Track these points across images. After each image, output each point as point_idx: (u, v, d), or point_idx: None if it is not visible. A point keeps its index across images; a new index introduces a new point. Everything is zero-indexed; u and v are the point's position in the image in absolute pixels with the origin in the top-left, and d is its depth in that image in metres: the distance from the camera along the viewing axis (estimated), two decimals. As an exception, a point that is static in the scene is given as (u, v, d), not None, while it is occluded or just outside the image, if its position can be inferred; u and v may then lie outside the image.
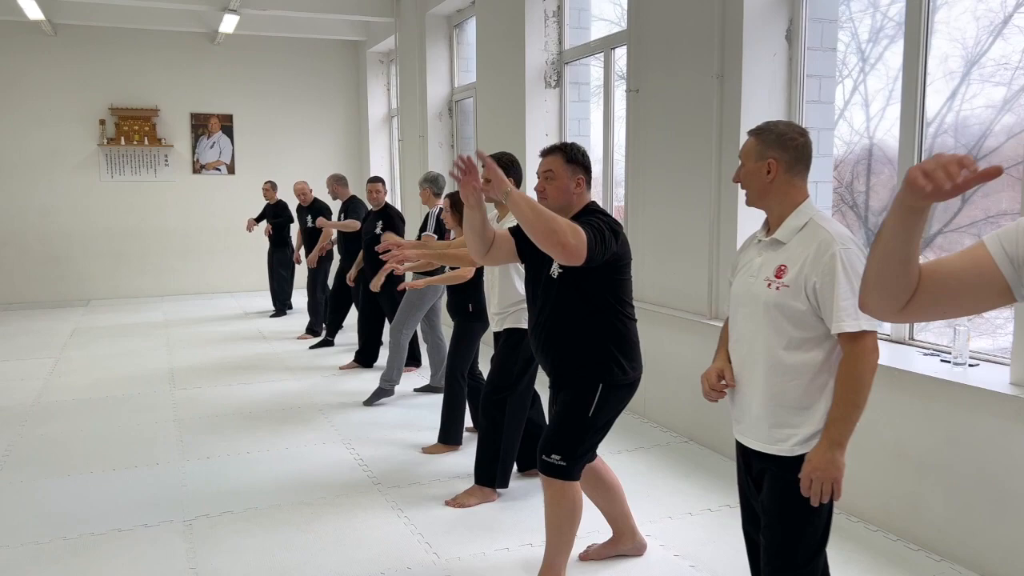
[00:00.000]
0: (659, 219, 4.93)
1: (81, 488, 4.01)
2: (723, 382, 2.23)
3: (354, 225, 6.89)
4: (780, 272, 2.11)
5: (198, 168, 10.86)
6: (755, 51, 4.22)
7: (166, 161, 10.68)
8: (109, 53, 10.28)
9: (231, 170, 11.02)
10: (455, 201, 4.43)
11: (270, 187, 9.07)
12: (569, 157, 2.73)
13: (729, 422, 2.30)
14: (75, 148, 10.27)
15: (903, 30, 3.58)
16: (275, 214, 9.05)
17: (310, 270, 7.90)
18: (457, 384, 4.45)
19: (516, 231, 2.79)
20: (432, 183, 5.66)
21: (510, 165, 3.72)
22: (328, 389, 5.92)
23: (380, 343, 6.60)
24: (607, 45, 5.81)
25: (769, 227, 2.21)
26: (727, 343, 2.31)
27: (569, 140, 6.72)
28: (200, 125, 10.81)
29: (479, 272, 4.29)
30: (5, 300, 10.00)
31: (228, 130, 10.94)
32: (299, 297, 9.57)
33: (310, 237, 7.89)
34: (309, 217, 7.78)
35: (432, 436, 4.64)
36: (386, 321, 6.45)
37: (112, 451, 4.56)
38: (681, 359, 4.65)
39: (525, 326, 3.68)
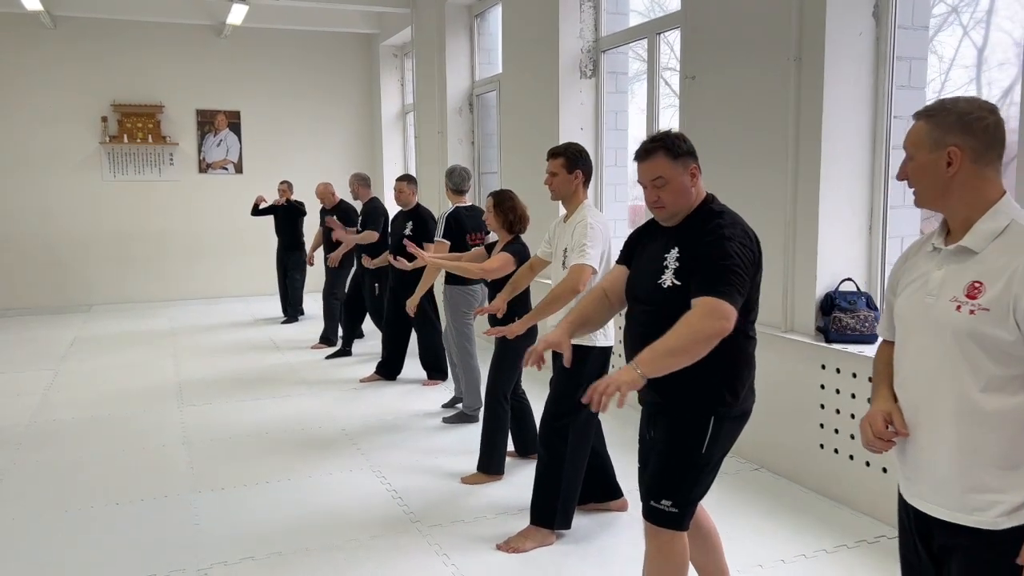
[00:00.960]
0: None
1: (80, 527, 3.53)
2: (891, 429, 1.75)
3: (372, 237, 6.46)
4: (974, 291, 1.63)
5: (204, 167, 10.39)
6: (838, 30, 3.74)
7: (171, 160, 10.21)
8: (111, 47, 9.81)
9: (238, 169, 10.55)
10: (499, 201, 3.97)
11: (287, 188, 8.60)
12: (675, 152, 2.29)
13: (810, 448, 1.82)
14: (76, 147, 9.80)
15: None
16: (288, 214, 8.57)
17: (328, 272, 7.33)
18: (500, 407, 3.97)
19: (621, 261, 2.49)
20: (447, 177, 5.20)
21: (578, 156, 3.34)
22: (350, 406, 5.44)
23: (405, 355, 6.12)
24: (653, 29, 5.33)
25: (949, 231, 1.73)
26: (889, 379, 1.83)
27: (605, 134, 6.27)
28: (206, 122, 10.34)
29: (520, 273, 3.82)
30: (3, 306, 9.54)
31: (235, 127, 10.47)
32: (311, 302, 9.11)
33: (331, 239, 7.37)
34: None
35: (470, 461, 4.16)
36: (415, 332, 5.99)
37: (115, 481, 4.09)
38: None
39: (594, 343, 3.21)
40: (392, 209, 6.25)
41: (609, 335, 3.31)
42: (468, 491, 3.91)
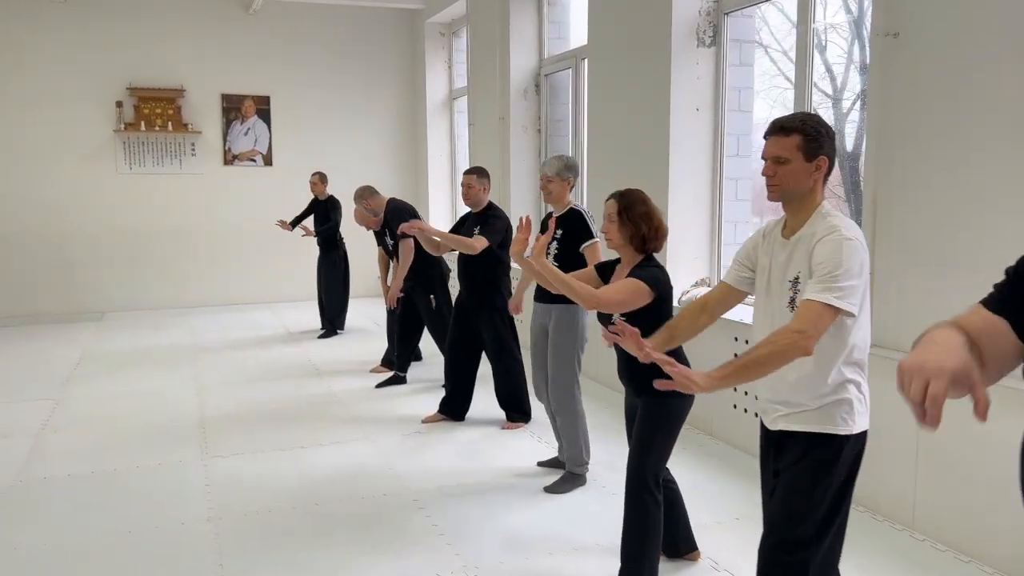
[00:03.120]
0: (931, 223, 3.24)
1: None
2: None
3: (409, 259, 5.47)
4: None
5: (230, 159, 9.30)
6: None
7: (193, 150, 9.12)
8: (127, 23, 8.72)
9: (267, 161, 9.45)
10: (627, 205, 2.80)
11: (318, 180, 7.50)
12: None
13: None
14: (88, 135, 8.72)
15: None
16: (325, 213, 7.47)
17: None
18: (650, 497, 2.79)
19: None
20: (568, 169, 4.01)
21: (820, 134, 2.16)
22: (416, 459, 4.30)
23: (472, 389, 4.97)
24: (811, -21, 4.13)
25: None
26: None
27: (727, 116, 5.08)
28: (232, 108, 9.24)
29: (686, 314, 2.62)
30: (6, 314, 8.50)
31: (264, 114, 9.36)
32: (359, 316, 8.01)
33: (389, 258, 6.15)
34: (387, 239, 5.87)
35: (602, 563, 3.01)
36: (489, 362, 4.84)
37: (116, 585, 2.99)
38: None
39: (849, 428, 2.08)
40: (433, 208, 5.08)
41: (866, 413, 2.15)
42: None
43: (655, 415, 2.72)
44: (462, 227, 4.82)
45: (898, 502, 3.37)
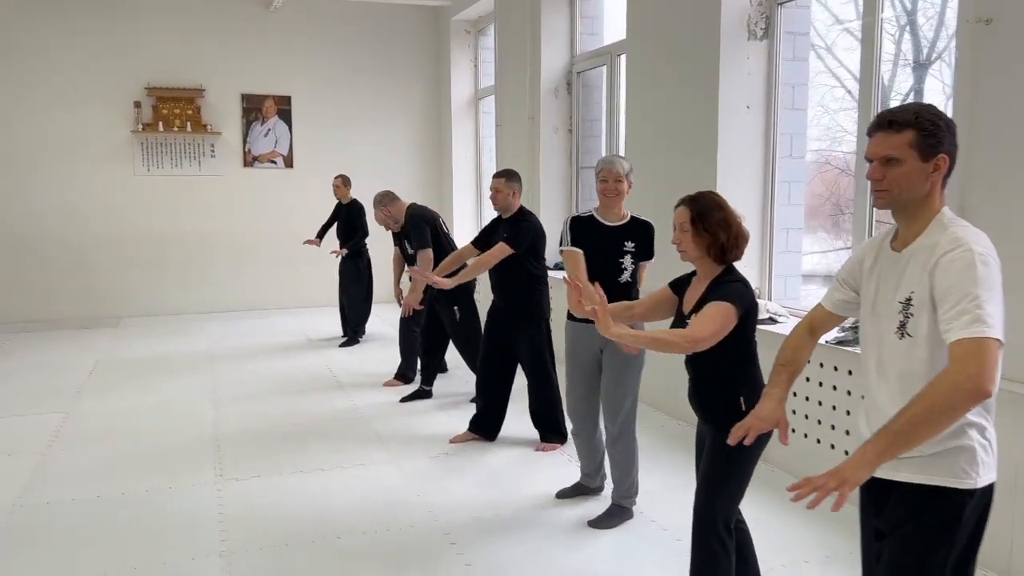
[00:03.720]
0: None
1: None
2: None
3: (427, 257, 5.18)
4: None
5: (250, 160, 9.04)
6: None
7: (212, 151, 8.88)
8: (145, 22, 8.49)
9: (288, 163, 9.18)
10: (703, 210, 2.46)
11: (341, 183, 7.23)
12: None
13: None
14: (104, 136, 8.50)
15: None
16: (349, 218, 7.19)
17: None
18: (720, 542, 2.45)
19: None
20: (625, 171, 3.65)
21: (939, 129, 1.79)
22: (445, 484, 3.98)
23: (506, 407, 4.64)
24: (882, -37, 3.77)
25: None
26: None
27: (780, 115, 4.73)
28: (253, 109, 8.98)
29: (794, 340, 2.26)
30: (22, 319, 8.29)
31: (286, 115, 9.10)
32: (379, 323, 7.72)
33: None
34: (406, 244, 5.58)
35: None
36: (527, 379, 4.51)
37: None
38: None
39: (975, 482, 1.75)
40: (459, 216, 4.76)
41: (992, 463, 1.79)
42: None
43: (727, 449, 2.38)
44: (493, 233, 4.50)
45: (993, 548, 3.00)
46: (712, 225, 2.38)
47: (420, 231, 5.22)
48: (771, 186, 4.66)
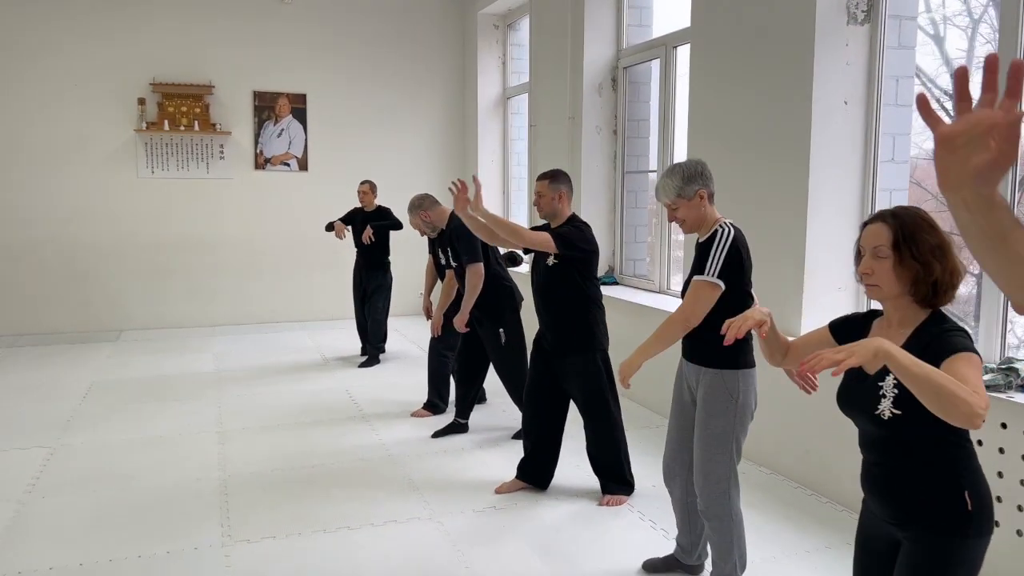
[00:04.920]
0: None
1: None
2: None
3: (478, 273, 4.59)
4: None
5: (261, 162, 8.42)
6: None
7: (221, 153, 8.26)
8: (151, 14, 7.89)
9: (303, 165, 8.56)
10: (911, 232, 1.78)
11: (368, 189, 6.62)
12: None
13: None
14: (106, 135, 7.89)
15: None
16: (372, 222, 6.55)
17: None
18: None
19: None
20: (702, 180, 2.96)
21: None
22: (495, 549, 3.32)
23: (559, 452, 3.98)
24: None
25: None
26: None
27: (883, 112, 4.06)
28: (265, 107, 8.36)
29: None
30: (14, 331, 7.67)
31: (300, 114, 8.48)
32: (400, 340, 7.08)
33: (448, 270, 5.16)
34: (445, 253, 4.92)
35: None
36: (583, 420, 3.85)
37: None
38: None
39: None
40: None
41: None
42: None
43: (943, 564, 1.69)
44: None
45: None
46: (924, 252, 1.72)
47: (470, 242, 4.55)
48: (871, 194, 3.99)
